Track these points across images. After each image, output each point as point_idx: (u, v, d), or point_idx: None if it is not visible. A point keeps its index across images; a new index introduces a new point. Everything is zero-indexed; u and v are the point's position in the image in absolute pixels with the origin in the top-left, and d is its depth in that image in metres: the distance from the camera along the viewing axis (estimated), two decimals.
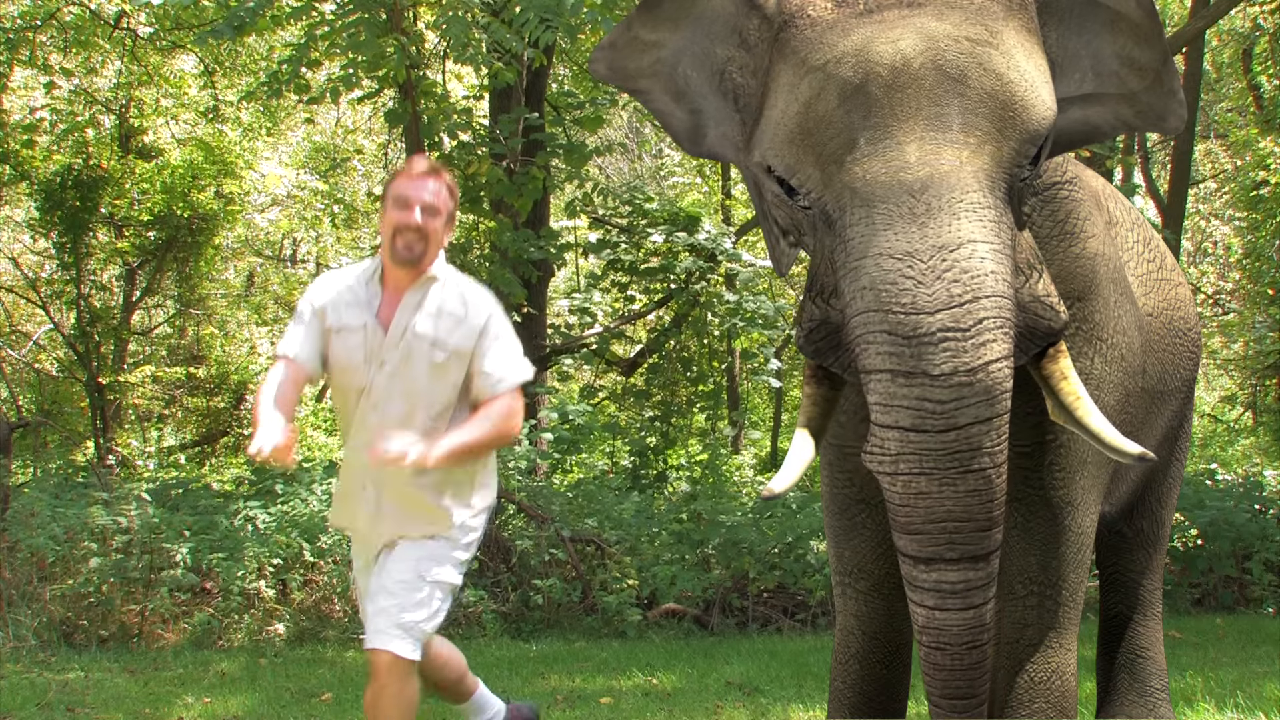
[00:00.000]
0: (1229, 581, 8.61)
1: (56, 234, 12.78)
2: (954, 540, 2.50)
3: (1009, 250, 2.51)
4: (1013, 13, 2.62)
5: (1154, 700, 4.00)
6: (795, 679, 6.02)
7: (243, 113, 14.34)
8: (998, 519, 2.52)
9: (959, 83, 2.50)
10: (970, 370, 2.40)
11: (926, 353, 2.40)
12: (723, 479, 10.53)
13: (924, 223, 2.45)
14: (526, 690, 5.75)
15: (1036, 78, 2.58)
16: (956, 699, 2.67)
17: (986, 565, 2.54)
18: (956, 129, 2.49)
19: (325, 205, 16.29)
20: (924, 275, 2.42)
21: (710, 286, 11.32)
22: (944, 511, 2.48)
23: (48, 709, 5.34)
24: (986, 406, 2.42)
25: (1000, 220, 2.49)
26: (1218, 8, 10.74)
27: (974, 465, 2.45)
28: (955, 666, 2.62)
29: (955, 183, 2.46)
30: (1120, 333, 3.16)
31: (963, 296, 2.41)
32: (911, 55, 2.52)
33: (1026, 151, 2.55)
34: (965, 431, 2.42)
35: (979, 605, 2.56)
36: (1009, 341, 2.46)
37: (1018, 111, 2.52)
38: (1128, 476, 3.84)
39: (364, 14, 7.90)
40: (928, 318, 2.41)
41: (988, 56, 2.52)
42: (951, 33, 2.53)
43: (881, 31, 2.56)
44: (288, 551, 7.72)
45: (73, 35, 12.60)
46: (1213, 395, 18.13)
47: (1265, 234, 13.98)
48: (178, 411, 14.71)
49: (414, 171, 3.34)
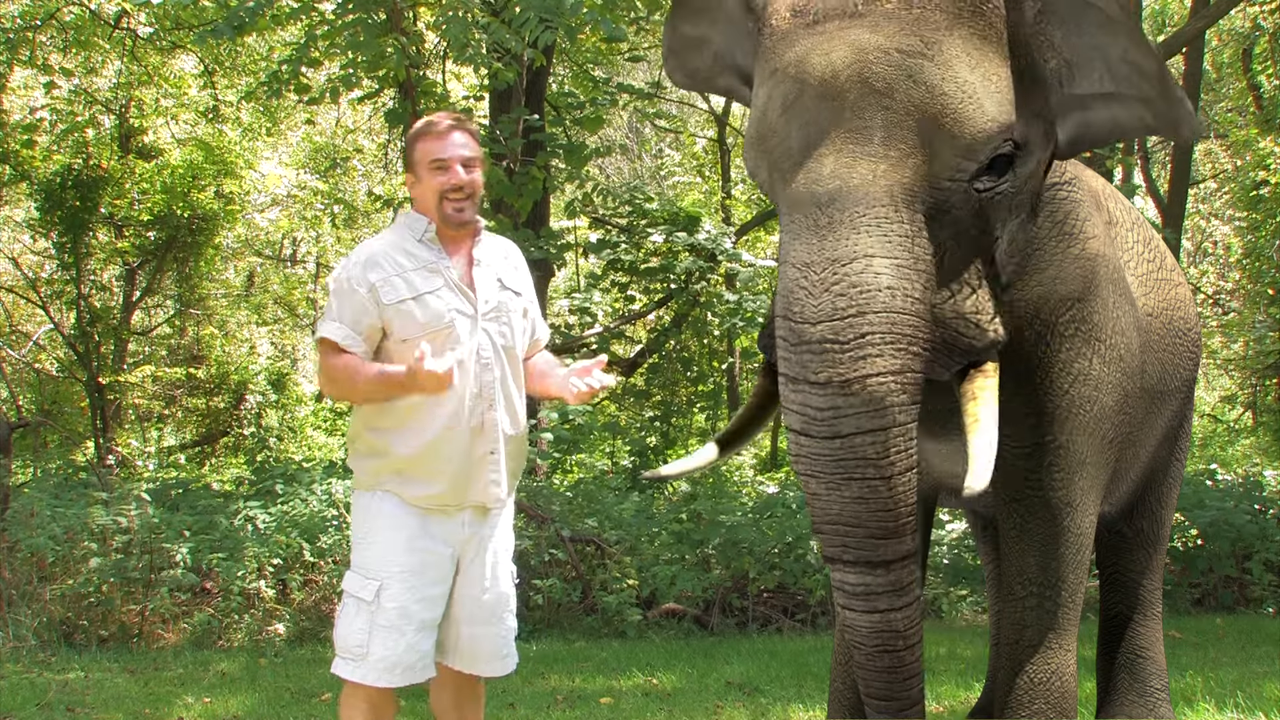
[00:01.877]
0: (1229, 581, 8.60)
1: (56, 234, 12.79)
2: (848, 544, 2.56)
3: (920, 265, 2.51)
4: (960, 21, 2.58)
5: (1154, 700, 4.00)
6: (795, 679, 6.02)
7: (243, 113, 14.34)
8: (895, 529, 2.53)
9: (885, 95, 2.51)
10: (845, 382, 2.46)
11: (807, 361, 2.49)
12: (723, 479, 10.53)
13: (824, 235, 2.50)
14: (527, 690, 5.75)
15: (979, 87, 2.54)
16: (875, 699, 2.72)
17: (887, 572, 2.56)
18: (877, 143, 2.51)
19: (325, 205, 16.29)
20: (814, 286, 2.49)
21: (710, 286, 11.32)
22: (834, 515, 2.55)
23: (48, 709, 5.34)
24: (868, 418, 2.46)
25: (913, 236, 2.51)
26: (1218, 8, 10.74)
27: (857, 474, 2.50)
28: (870, 667, 2.68)
29: (861, 197, 2.49)
30: (1119, 333, 3.16)
31: (846, 310, 2.46)
32: (840, 68, 2.54)
33: (963, 165, 2.54)
34: (849, 440, 2.48)
35: (884, 610, 2.59)
36: (904, 357, 2.48)
37: (948, 124, 2.51)
38: (1128, 476, 3.84)
39: (364, 14, 7.90)
40: (811, 327, 2.48)
41: (918, 68, 2.52)
42: (882, 45, 2.54)
43: (819, 43, 2.60)
44: (288, 551, 7.72)
45: (73, 35, 12.60)
46: (1213, 395, 18.13)
47: (1265, 234, 13.98)
48: (178, 411, 14.72)
49: (440, 129, 3.23)
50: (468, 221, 3.24)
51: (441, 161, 3.20)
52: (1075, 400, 3.05)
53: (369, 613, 3.13)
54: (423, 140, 3.24)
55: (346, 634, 3.16)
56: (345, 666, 3.16)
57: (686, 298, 11.29)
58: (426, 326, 3.14)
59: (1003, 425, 2.85)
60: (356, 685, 3.17)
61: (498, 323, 3.27)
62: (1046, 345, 3.02)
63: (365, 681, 3.13)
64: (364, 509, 3.25)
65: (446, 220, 3.22)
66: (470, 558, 3.26)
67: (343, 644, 3.16)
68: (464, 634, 3.28)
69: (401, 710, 3.74)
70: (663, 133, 18.00)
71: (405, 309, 3.14)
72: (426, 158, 3.21)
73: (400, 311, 3.14)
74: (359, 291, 3.14)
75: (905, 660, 2.66)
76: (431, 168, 3.21)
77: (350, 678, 3.15)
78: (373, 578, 3.15)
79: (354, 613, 3.15)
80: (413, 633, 3.14)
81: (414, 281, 3.17)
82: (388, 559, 3.15)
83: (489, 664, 3.33)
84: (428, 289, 3.17)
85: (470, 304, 3.22)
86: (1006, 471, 3.09)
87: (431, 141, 3.22)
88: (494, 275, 3.31)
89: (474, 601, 3.26)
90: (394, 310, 3.14)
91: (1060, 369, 3.04)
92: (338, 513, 8.04)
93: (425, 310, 3.15)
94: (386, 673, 3.12)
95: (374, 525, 3.20)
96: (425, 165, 3.22)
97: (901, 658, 2.65)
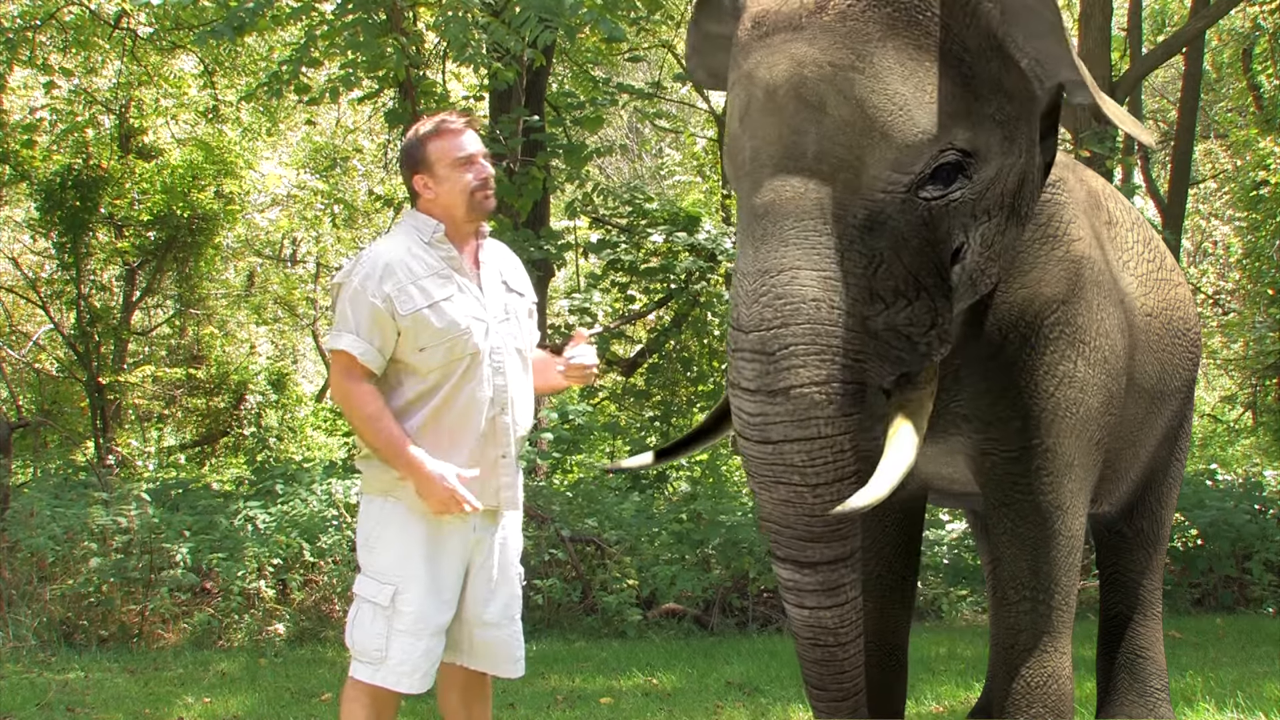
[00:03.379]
0: (1229, 581, 8.61)
1: (56, 234, 12.78)
2: (779, 541, 2.64)
3: (850, 279, 2.53)
4: (894, 32, 2.57)
5: (1154, 700, 4.00)
6: (795, 679, 6.01)
7: (243, 113, 14.34)
8: (820, 534, 2.58)
9: (817, 110, 2.54)
10: (771, 391, 2.52)
11: (741, 367, 2.56)
12: (723, 479, 10.51)
13: (758, 246, 2.57)
14: (527, 690, 5.75)
15: (911, 99, 2.54)
16: (813, 688, 2.80)
17: (814, 573, 2.62)
18: (810, 156, 2.55)
19: (325, 205, 16.28)
20: (747, 297, 2.56)
21: (710, 286, 11.30)
22: (767, 513, 2.64)
23: (48, 709, 5.34)
24: (794, 427, 2.51)
25: (841, 249, 2.53)
26: (1218, 8, 10.74)
27: (784, 479, 2.56)
28: (804, 657, 2.76)
29: (792, 210, 2.54)
30: (1103, 335, 3.16)
31: (773, 321, 2.51)
32: (780, 82, 2.58)
33: (894, 177, 2.54)
34: (778, 447, 2.54)
35: (812, 607, 2.65)
36: (827, 367, 2.51)
37: (877, 138, 2.52)
38: (1128, 476, 3.84)
39: (364, 14, 7.90)
40: (744, 336, 2.56)
41: (848, 82, 2.54)
42: (817, 58, 2.56)
43: (766, 56, 2.64)
44: (288, 551, 7.72)
45: (72, 35, 12.60)
46: (1213, 395, 18.12)
47: (1265, 234, 13.98)
48: (178, 411, 14.71)
49: (455, 126, 3.25)
50: (490, 212, 3.28)
51: (467, 157, 3.22)
52: (1061, 403, 3.05)
53: (385, 617, 3.13)
54: (438, 139, 3.23)
55: (363, 638, 3.16)
56: (364, 670, 3.16)
57: (686, 298, 11.28)
58: (444, 334, 3.13)
59: (990, 429, 2.83)
60: (360, 683, 3.17)
61: (508, 325, 3.28)
62: (1031, 348, 3.03)
63: (385, 685, 3.14)
64: (374, 513, 3.23)
65: (474, 211, 3.23)
66: (481, 560, 3.26)
67: (360, 648, 3.17)
68: (477, 635, 3.28)
69: (401, 710, 3.74)
70: (663, 133, 17.99)
71: (422, 317, 3.12)
72: (448, 155, 3.22)
73: (417, 320, 3.12)
74: (375, 303, 3.11)
75: (837, 656, 2.72)
76: (457, 164, 3.22)
77: (370, 681, 3.15)
78: (388, 582, 3.15)
79: (370, 618, 3.15)
80: (429, 637, 3.15)
81: (428, 289, 3.15)
82: (401, 563, 3.15)
83: (507, 665, 3.35)
84: (442, 296, 3.16)
85: (483, 308, 3.22)
86: (995, 476, 3.11)
87: (450, 140, 3.23)
88: (499, 277, 3.32)
89: (486, 603, 3.26)
90: (410, 320, 3.11)
91: (1045, 372, 3.04)
92: (338, 513, 8.04)
93: (441, 317, 3.14)
94: (406, 677, 3.13)
95: (385, 530, 3.19)
96: (447, 163, 3.22)
97: (833, 653, 2.71)
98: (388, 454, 3.10)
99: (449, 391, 3.16)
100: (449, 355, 3.14)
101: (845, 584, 2.66)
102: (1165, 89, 18.04)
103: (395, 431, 3.09)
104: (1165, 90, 18.06)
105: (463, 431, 3.17)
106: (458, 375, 3.15)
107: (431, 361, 3.13)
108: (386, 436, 3.09)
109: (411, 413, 3.15)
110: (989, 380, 2.72)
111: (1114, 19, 11.11)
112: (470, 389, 3.15)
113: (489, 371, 3.19)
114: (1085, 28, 10.40)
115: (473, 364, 3.16)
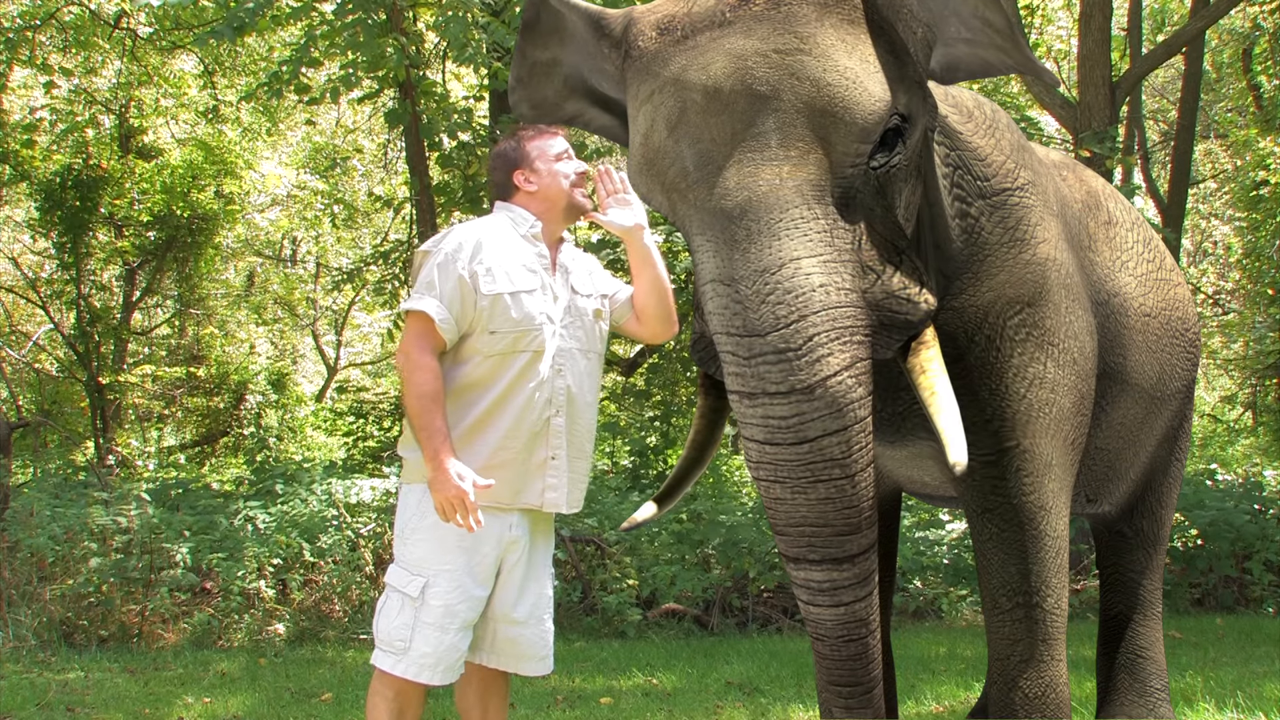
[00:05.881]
0: (1229, 581, 8.61)
1: (56, 234, 12.79)
2: (814, 544, 2.58)
3: (844, 256, 2.53)
4: (827, 10, 2.59)
5: (1154, 700, 4.00)
6: (795, 679, 6.02)
7: (243, 113, 14.34)
8: (859, 524, 2.56)
9: (772, 99, 2.52)
10: (808, 388, 2.47)
11: (763, 373, 2.49)
12: (723, 479, 10.52)
13: (745, 248, 2.51)
14: (527, 690, 5.76)
15: (860, 71, 2.56)
16: (840, 685, 2.76)
17: (852, 566, 2.59)
18: (775, 146, 2.52)
19: (325, 205, 16.28)
20: (749, 300, 2.49)
21: None
22: (800, 517, 2.56)
23: (48, 709, 5.34)
24: (833, 419, 2.48)
25: (830, 229, 2.52)
26: (1218, 8, 10.73)
27: (824, 475, 2.51)
28: (834, 656, 2.72)
29: (774, 202, 2.50)
30: (1072, 337, 3.15)
31: (789, 317, 2.47)
32: (721, 79, 2.54)
33: (860, 149, 2.55)
34: (817, 444, 2.49)
35: (849, 603, 2.63)
36: (852, 349, 2.50)
37: (840, 113, 2.52)
38: (1127, 476, 3.84)
39: (364, 14, 7.90)
40: (760, 340, 2.49)
41: (800, 65, 2.53)
42: (759, 48, 2.54)
43: (695, 58, 2.60)
44: (288, 551, 7.72)
45: (72, 35, 12.61)
46: (1213, 395, 18.12)
47: (1265, 234, 13.98)
48: (178, 411, 14.71)
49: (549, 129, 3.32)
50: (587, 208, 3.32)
51: (565, 151, 3.30)
52: (1033, 404, 3.04)
53: (413, 609, 3.13)
54: (538, 138, 3.31)
55: (389, 628, 3.16)
56: (386, 659, 3.16)
57: (687, 297, 11.28)
58: (518, 324, 3.15)
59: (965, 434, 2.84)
60: (388, 676, 3.18)
61: (572, 328, 3.28)
62: (998, 350, 3.02)
63: (406, 675, 3.14)
64: (413, 504, 3.22)
65: (574, 207, 3.28)
66: (515, 559, 3.25)
67: (384, 637, 3.17)
68: (502, 633, 3.28)
69: None
70: None
71: (502, 302, 3.14)
72: (549, 151, 3.28)
73: (496, 303, 3.13)
74: (463, 274, 3.12)
75: (869, 645, 2.70)
76: (555, 160, 3.27)
77: (391, 671, 3.16)
78: (419, 574, 3.15)
79: (398, 608, 3.16)
80: (454, 631, 3.15)
81: (514, 276, 3.17)
82: (435, 556, 3.15)
83: (532, 664, 3.34)
84: (525, 287, 3.18)
85: (557, 309, 3.24)
86: (973, 481, 3.08)
87: (547, 138, 3.31)
88: (571, 282, 3.33)
89: (515, 601, 3.26)
90: (490, 301, 3.13)
91: (1014, 374, 3.03)
92: (337, 513, 8.04)
93: (519, 308, 3.15)
94: (427, 669, 3.13)
95: (422, 521, 3.18)
96: (548, 158, 3.28)
97: (866, 644, 2.70)
98: (421, 435, 3.07)
99: (507, 386, 3.15)
100: (514, 346, 3.15)
101: (874, 569, 2.65)
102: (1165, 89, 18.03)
103: (438, 421, 3.07)
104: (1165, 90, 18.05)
105: (516, 428, 3.16)
106: (516, 369, 3.16)
107: (497, 346, 3.13)
108: (429, 419, 3.06)
109: (471, 402, 3.15)
110: (956, 383, 2.72)
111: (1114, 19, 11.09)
112: (530, 388, 3.16)
113: (550, 373, 3.19)
114: (1085, 28, 10.40)
115: (533, 361, 3.17)
